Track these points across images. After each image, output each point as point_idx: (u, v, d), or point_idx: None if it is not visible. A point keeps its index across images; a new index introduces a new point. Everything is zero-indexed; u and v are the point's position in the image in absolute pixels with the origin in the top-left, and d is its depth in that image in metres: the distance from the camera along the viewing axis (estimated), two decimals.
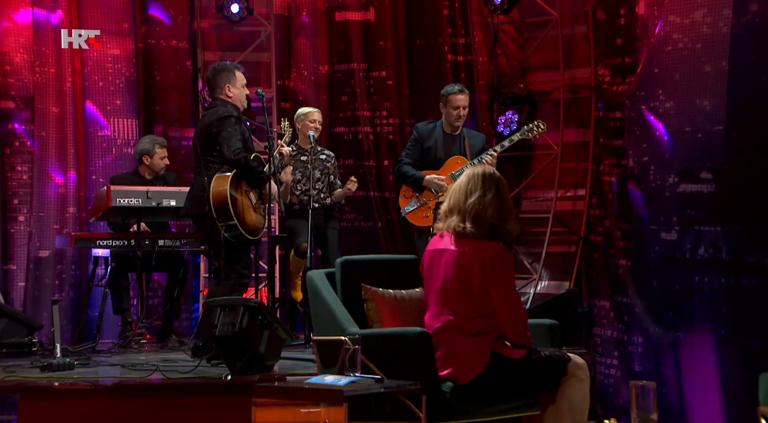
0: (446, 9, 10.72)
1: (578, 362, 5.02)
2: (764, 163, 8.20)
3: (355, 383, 4.59)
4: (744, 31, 8.27)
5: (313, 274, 5.48)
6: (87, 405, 6.47)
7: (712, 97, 8.53)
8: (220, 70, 7.61)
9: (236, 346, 6.57)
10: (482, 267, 4.86)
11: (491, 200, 4.97)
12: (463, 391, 4.87)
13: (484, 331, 4.90)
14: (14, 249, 10.18)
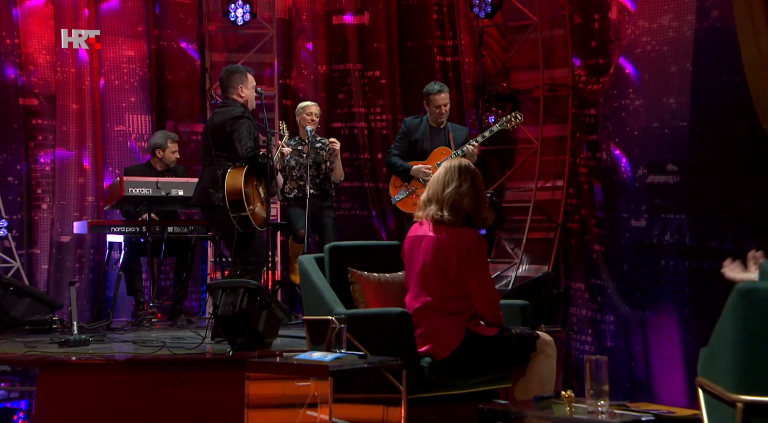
0: (435, 13, 10.67)
1: (546, 339, 5.05)
2: (725, 157, 8.24)
3: (339, 359, 4.61)
4: (706, 35, 8.30)
5: (304, 258, 5.50)
6: (100, 378, 6.45)
7: (678, 96, 8.56)
8: (234, 72, 7.61)
9: (237, 325, 6.55)
10: (458, 252, 4.86)
11: (467, 190, 4.96)
12: (440, 366, 4.88)
13: (460, 311, 4.90)
14: (38, 235, 10.22)
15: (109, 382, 6.45)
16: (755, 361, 2.64)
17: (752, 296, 2.64)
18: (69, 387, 6.45)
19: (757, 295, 2.64)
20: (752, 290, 2.64)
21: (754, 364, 2.64)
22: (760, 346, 2.62)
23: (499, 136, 10.26)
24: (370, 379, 4.82)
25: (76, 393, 6.44)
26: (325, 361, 4.56)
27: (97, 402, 6.40)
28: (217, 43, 10.74)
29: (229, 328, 6.64)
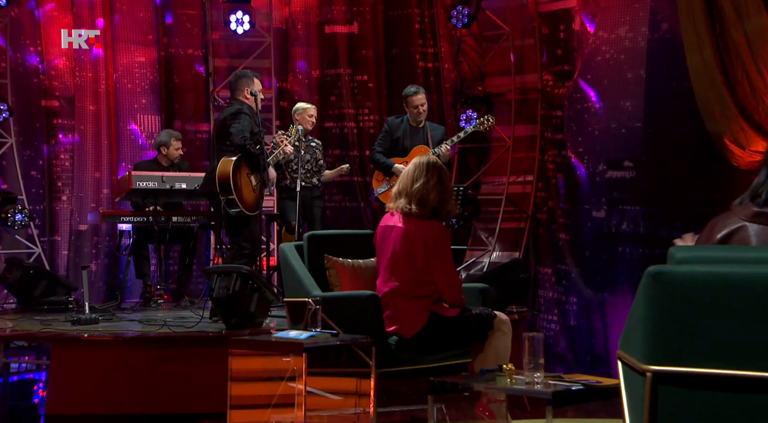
0: (417, 24, 10.69)
1: (502, 318, 5.07)
2: (674, 155, 8.31)
3: (314, 337, 4.63)
4: (657, 45, 8.35)
5: (285, 246, 5.51)
6: (107, 353, 6.54)
7: (633, 99, 8.61)
8: (242, 76, 7.68)
9: (230, 306, 6.60)
10: (425, 243, 4.86)
11: (434, 186, 4.94)
12: (406, 344, 4.90)
13: (425, 294, 4.92)
14: (59, 223, 10.27)
15: (115, 357, 6.53)
16: (662, 335, 2.69)
17: (660, 278, 2.69)
18: (79, 361, 6.54)
19: (664, 277, 2.68)
20: (660, 273, 2.69)
21: (661, 339, 2.69)
22: (666, 322, 2.67)
23: (475, 135, 10.30)
24: (343, 355, 4.85)
25: (86, 367, 6.52)
26: (300, 339, 4.59)
27: (104, 375, 6.48)
28: (220, 50, 10.74)
29: (224, 309, 6.69)
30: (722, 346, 2.62)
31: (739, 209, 2.92)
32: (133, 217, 8.66)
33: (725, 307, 2.62)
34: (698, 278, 2.67)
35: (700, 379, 2.65)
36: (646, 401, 2.70)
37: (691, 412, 2.67)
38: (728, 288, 2.62)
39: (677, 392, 2.68)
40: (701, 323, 2.65)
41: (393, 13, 10.78)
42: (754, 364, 2.58)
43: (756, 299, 2.58)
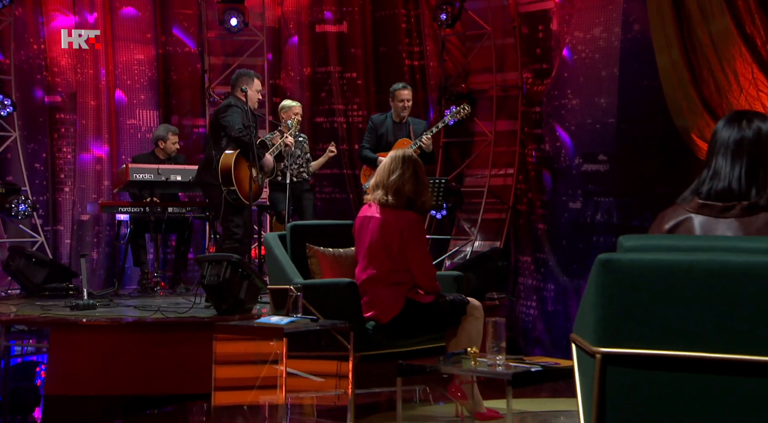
0: (404, 23, 10.70)
1: (475, 304, 5.09)
2: (645, 149, 8.36)
3: (294, 322, 4.66)
4: (630, 45, 8.39)
5: (269, 236, 5.53)
6: (103, 337, 6.56)
7: (607, 97, 8.65)
8: (243, 75, 7.78)
9: (221, 293, 6.63)
10: (400, 232, 4.88)
11: (409, 178, 4.96)
12: (383, 329, 4.93)
13: (401, 282, 4.94)
14: (62, 213, 10.29)
15: (111, 341, 6.55)
16: (611, 319, 2.72)
17: (609, 265, 2.72)
18: (77, 345, 6.55)
19: (613, 264, 2.71)
20: (609, 261, 2.72)
21: (609, 322, 2.73)
22: (615, 307, 2.71)
23: (459, 130, 10.37)
24: (323, 340, 4.87)
25: (83, 350, 6.54)
26: (280, 324, 4.61)
27: (100, 357, 6.50)
28: (216, 48, 10.74)
29: (215, 295, 6.71)
30: (666, 329, 2.66)
31: (686, 203, 2.96)
32: (131, 207, 8.69)
33: (669, 292, 2.66)
34: (644, 265, 2.70)
35: (645, 359, 2.69)
36: (596, 381, 2.74)
37: (637, 391, 2.71)
38: (671, 274, 2.66)
39: (625, 372, 2.72)
40: (647, 307, 2.68)
41: (380, 13, 10.78)
42: (695, 346, 2.62)
43: (697, 284, 2.62)
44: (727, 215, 2.83)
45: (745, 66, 7.34)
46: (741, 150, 2.88)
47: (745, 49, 7.28)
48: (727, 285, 2.56)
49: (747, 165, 2.86)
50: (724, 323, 2.57)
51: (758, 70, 7.27)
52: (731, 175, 2.86)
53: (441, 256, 10.20)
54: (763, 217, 2.79)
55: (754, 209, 2.81)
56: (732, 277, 2.56)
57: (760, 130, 2.90)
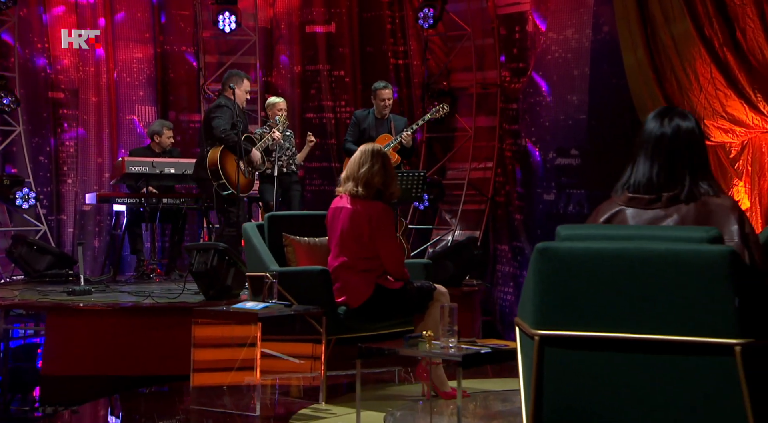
0: (389, 24, 10.72)
1: (441, 290, 5.10)
2: (614, 143, 8.39)
3: (268, 308, 4.67)
4: (600, 46, 8.43)
5: (247, 225, 5.52)
6: (97, 321, 6.57)
7: (579, 94, 8.69)
8: (233, 75, 7.82)
9: (209, 280, 6.67)
10: (369, 221, 4.89)
11: (378, 170, 4.96)
12: (353, 314, 4.94)
13: (371, 269, 4.95)
14: (65, 204, 10.33)
15: (104, 324, 6.57)
16: (548, 304, 2.77)
17: (545, 253, 2.77)
18: (71, 328, 6.58)
19: (549, 252, 2.76)
20: (546, 249, 2.77)
21: (547, 306, 2.78)
22: (551, 292, 2.76)
23: (441, 126, 10.39)
24: (298, 324, 4.90)
25: (77, 333, 6.57)
26: (255, 309, 4.63)
27: (93, 340, 6.54)
28: (210, 47, 10.75)
29: (203, 282, 6.74)
30: (598, 312, 2.72)
31: (617, 196, 3.01)
32: (127, 198, 8.70)
33: (599, 278, 2.71)
34: (577, 253, 2.75)
35: (579, 341, 2.75)
36: (534, 361, 2.80)
37: (572, 370, 2.77)
38: (602, 261, 2.71)
39: (560, 353, 2.78)
40: (581, 292, 2.74)
41: (367, 14, 10.80)
42: (624, 327, 2.68)
43: (624, 270, 2.67)
44: (653, 206, 2.89)
45: (705, 66, 7.38)
46: (659, 146, 2.95)
47: (704, 51, 7.32)
48: (650, 271, 2.62)
49: (666, 161, 2.92)
50: (648, 306, 2.63)
51: (716, 70, 7.31)
52: (652, 170, 2.93)
53: (423, 245, 10.24)
54: (683, 209, 2.84)
55: (676, 201, 2.86)
56: (655, 263, 2.61)
57: (679, 128, 2.96)
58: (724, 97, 7.46)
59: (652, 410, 2.64)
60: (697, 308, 2.55)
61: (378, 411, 4.69)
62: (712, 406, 2.55)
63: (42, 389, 6.41)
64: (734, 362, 2.49)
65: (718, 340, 2.52)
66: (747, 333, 2.50)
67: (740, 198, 7.70)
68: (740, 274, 2.52)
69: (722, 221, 2.77)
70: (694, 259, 2.55)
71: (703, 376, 2.55)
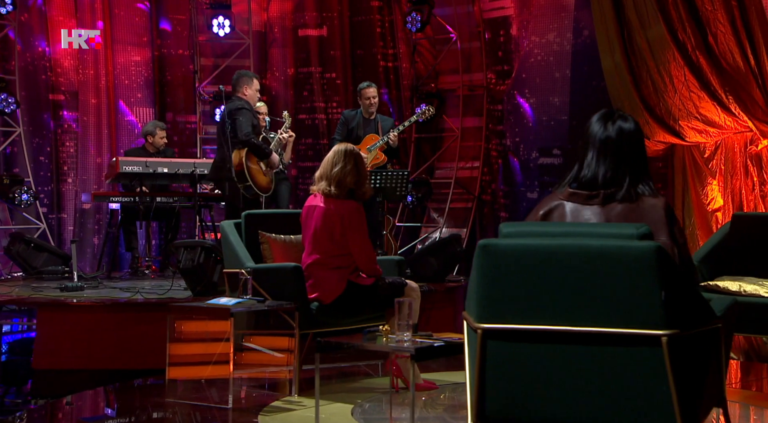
0: (379, 28, 10.74)
1: (413, 286, 5.11)
2: None
3: (241, 303, 4.67)
4: (580, 49, 8.44)
5: (224, 223, 5.53)
6: (86, 316, 6.54)
7: (560, 96, 8.71)
8: (243, 76, 7.80)
9: (195, 276, 6.67)
10: (341, 219, 4.90)
11: (350, 170, 4.96)
12: (325, 309, 4.96)
13: (343, 265, 4.95)
14: (65, 203, 10.37)
15: (93, 320, 6.54)
16: (489, 298, 2.80)
17: (487, 249, 2.79)
18: (62, 323, 6.56)
19: (490, 248, 2.79)
20: (487, 245, 2.79)
21: (489, 301, 2.81)
22: (492, 287, 2.78)
23: (429, 126, 10.43)
24: (271, 319, 4.92)
25: (67, 328, 6.55)
26: (228, 305, 4.65)
27: (83, 335, 6.52)
28: (206, 50, 10.79)
29: (190, 278, 6.74)
30: (536, 306, 2.76)
31: (558, 191, 3.05)
32: (122, 197, 8.72)
33: (538, 273, 2.74)
34: (517, 249, 2.78)
35: (519, 333, 2.79)
36: (477, 353, 2.84)
37: (513, 362, 2.81)
38: (540, 257, 2.74)
39: (502, 345, 2.82)
40: (520, 287, 2.77)
41: (357, 18, 10.82)
42: (561, 320, 2.72)
43: (561, 266, 2.71)
44: (591, 202, 2.94)
45: (678, 69, 7.41)
46: (605, 147, 3.00)
47: (678, 54, 7.34)
48: (584, 266, 2.65)
49: (610, 161, 2.98)
50: (583, 299, 2.67)
51: (689, 73, 7.32)
52: (596, 169, 2.98)
53: (412, 242, 10.27)
54: (619, 207, 2.88)
55: (613, 199, 2.90)
56: (588, 259, 2.64)
57: (622, 130, 3.00)
58: (698, 99, 7.48)
59: (587, 398, 2.68)
60: (627, 301, 2.59)
61: (347, 403, 4.71)
62: (642, 393, 2.60)
63: (33, 383, 6.43)
64: (661, 352, 2.53)
65: (646, 332, 2.56)
66: (673, 324, 2.54)
67: (714, 196, 7.73)
68: (666, 269, 2.54)
69: (654, 220, 2.82)
70: (624, 254, 2.58)
71: (633, 366, 2.60)
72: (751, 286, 4.69)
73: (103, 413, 5.20)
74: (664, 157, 8.13)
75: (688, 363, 2.57)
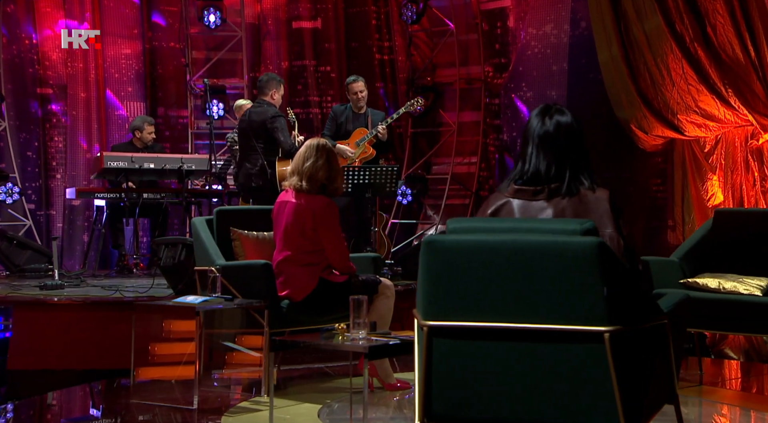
0: (374, 20, 10.75)
1: (387, 284, 5.10)
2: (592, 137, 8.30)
3: (207, 301, 4.66)
4: (578, 41, 8.43)
5: (196, 220, 5.52)
6: (62, 314, 6.53)
7: (558, 89, 8.70)
8: (272, 79, 7.76)
9: (177, 274, 6.67)
10: (313, 215, 4.90)
11: (322, 165, 4.95)
12: (296, 307, 4.94)
13: (315, 262, 4.94)
14: (54, 199, 10.40)
15: (69, 318, 6.53)
16: (435, 294, 2.82)
17: (431, 246, 2.80)
18: (37, 322, 6.56)
19: (434, 245, 2.79)
20: (431, 241, 2.80)
21: (434, 297, 2.82)
22: (437, 283, 2.79)
23: (425, 120, 10.41)
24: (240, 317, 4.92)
25: (43, 327, 6.56)
26: (194, 303, 4.64)
27: (59, 333, 6.52)
28: (198, 43, 10.81)
29: (171, 276, 6.74)
30: (480, 302, 2.77)
31: (504, 188, 3.06)
32: (107, 193, 8.73)
33: (481, 269, 2.75)
34: (461, 245, 2.79)
35: (463, 330, 2.81)
36: (423, 351, 2.86)
37: (458, 359, 2.83)
38: (483, 253, 2.75)
39: (447, 343, 2.84)
40: (464, 283, 2.78)
41: (352, 10, 10.83)
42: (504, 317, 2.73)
43: (503, 262, 2.72)
44: (537, 198, 2.95)
45: (676, 62, 7.39)
46: (544, 142, 3.01)
47: (675, 46, 7.32)
48: (527, 262, 2.66)
49: (550, 156, 3.00)
50: (526, 295, 2.68)
51: (688, 65, 7.30)
52: (537, 164, 3.01)
53: (408, 238, 10.26)
54: (564, 201, 2.90)
55: (557, 193, 2.92)
56: (531, 254, 2.65)
57: (559, 124, 3.02)
58: (696, 93, 7.46)
59: (532, 395, 2.71)
60: (570, 297, 2.60)
61: (317, 403, 4.72)
62: (586, 390, 2.63)
63: (7, 383, 6.44)
64: (604, 348, 2.54)
65: (588, 328, 2.58)
66: (615, 320, 2.56)
67: (714, 192, 7.70)
68: (609, 264, 2.54)
69: (600, 212, 2.84)
70: (566, 250, 2.58)
71: (577, 363, 2.63)
72: (731, 283, 4.67)
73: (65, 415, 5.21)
74: (663, 152, 8.11)
75: (632, 359, 2.59)
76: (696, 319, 4.67)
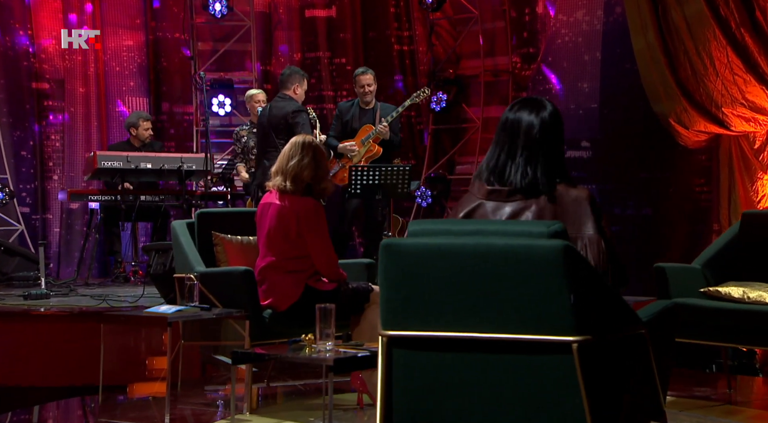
0: (393, 7, 10.71)
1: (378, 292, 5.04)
2: (626, 134, 8.33)
3: (181, 311, 4.65)
4: (612, 28, 8.37)
5: (176, 223, 5.51)
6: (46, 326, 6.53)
7: (590, 81, 8.63)
8: (296, 73, 7.83)
9: (168, 282, 6.65)
10: (298, 218, 4.86)
11: (308, 164, 4.92)
12: (279, 317, 4.91)
13: (301, 269, 4.92)
14: (50, 202, 10.43)
15: (52, 330, 6.53)
16: (393, 302, 2.79)
17: (389, 250, 2.76)
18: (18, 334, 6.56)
19: (392, 249, 2.76)
20: (389, 245, 2.76)
21: (393, 305, 2.80)
22: (397, 291, 2.76)
23: (448, 116, 10.32)
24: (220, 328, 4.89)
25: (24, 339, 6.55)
26: (167, 313, 4.62)
27: (42, 346, 6.52)
28: (204, 34, 10.81)
29: (161, 284, 6.74)
30: (439, 311, 2.74)
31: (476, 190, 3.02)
32: (101, 195, 8.72)
33: (440, 275, 2.72)
34: (419, 249, 2.75)
35: (423, 341, 2.78)
36: (382, 362, 2.82)
37: (418, 371, 2.81)
38: (441, 257, 2.71)
39: (406, 354, 2.81)
40: (424, 290, 2.74)
41: None
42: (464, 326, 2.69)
43: (463, 267, 2.67)
44: (512, 199, 2.91)
45: (720, 49, 7.28)
46: (516, 140, 2.98)
47: (719, 32, 7.21)
48: (489, 267, 2.62)
49: (522, 154, 2.98)
50: (488, 303, 2.65)
51: (733, 53, 7.18)
52: (508, 162, 2.95)
53: None
54: (541, 201, 2.89)
55: (533, 194, 2.87)
56: (492, 259, 2.60)
57: (532, 121, 2.99)
58: (743, 83, 7.33)
59: (497, 409, 2.69)
60: (535, 305, 2.55)
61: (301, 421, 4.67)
62: (553, 402, 2.62)
63: None
64: (572, 359, 2.48)
65: (555, 338, 2.54)
66: (584, 330, 2.51)
67: (765, 193, 7.58)
68: (576, 269, 2.48)
69: (579, 213, 2.80)
70: (530, 254, 2.52)
71: (543, 374, 2.62)
72: (757, 292, 4.55)
73: None
74: (707, 149, 7.99)
75: (604, 372, 2.56)
76: (716, 331, 4.56)
